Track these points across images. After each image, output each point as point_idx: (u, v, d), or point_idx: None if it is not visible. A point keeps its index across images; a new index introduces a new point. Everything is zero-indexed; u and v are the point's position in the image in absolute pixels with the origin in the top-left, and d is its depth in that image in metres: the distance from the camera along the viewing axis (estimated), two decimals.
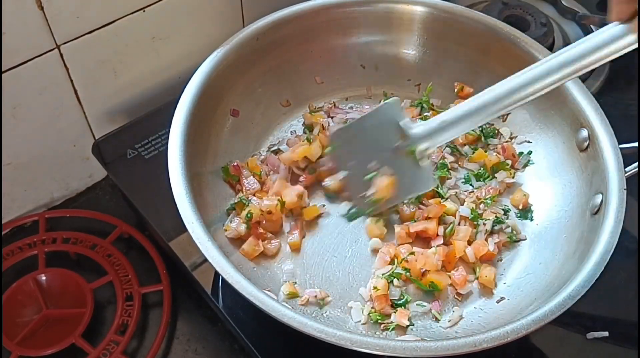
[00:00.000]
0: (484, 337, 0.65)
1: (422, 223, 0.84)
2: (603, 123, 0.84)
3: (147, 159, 0.95)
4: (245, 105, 0.95)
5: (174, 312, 0.88)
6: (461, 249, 0.83)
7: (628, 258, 0.88)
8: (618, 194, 0.77)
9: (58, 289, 0.86)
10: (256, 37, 0.93)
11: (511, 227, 0.86)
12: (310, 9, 0.97)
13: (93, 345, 0.81)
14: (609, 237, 0.73)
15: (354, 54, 1.02)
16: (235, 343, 0.85)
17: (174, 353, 0.85)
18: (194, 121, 0.83)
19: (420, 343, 0.66)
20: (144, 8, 0.92)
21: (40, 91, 0.88)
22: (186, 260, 0.84)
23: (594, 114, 0.85)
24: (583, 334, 0.83)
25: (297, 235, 0.85)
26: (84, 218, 0.96)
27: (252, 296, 0.67)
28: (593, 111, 0.85)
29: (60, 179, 0.99)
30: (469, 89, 0.99)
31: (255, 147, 0.95)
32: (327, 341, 0.64)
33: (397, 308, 0.79)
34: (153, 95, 1.03)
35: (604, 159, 0.81)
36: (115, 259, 0.90)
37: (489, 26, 0.97)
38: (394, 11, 1.00)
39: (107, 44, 0.91)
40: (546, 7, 1.22)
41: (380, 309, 0.78)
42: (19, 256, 0.90)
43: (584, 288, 0.69)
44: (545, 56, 0.91)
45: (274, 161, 0.92)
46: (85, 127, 0.98)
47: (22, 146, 0.91)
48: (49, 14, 0.82)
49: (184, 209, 0.74)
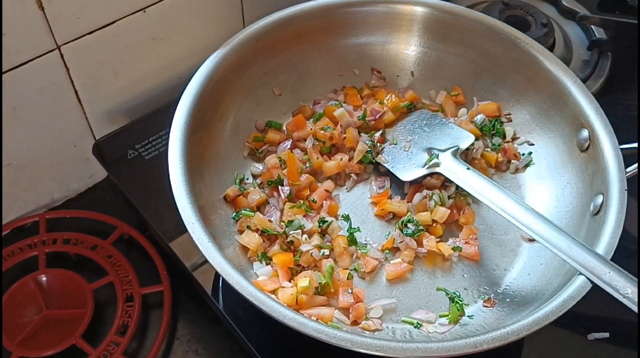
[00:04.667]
0: (484, 338, 0.65)
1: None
2: (603, 124, 0.84)
3: (147, 159, 0.95)
4: (246, 105, 0.95)
5: (175, 313, 0.88)
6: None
7: (628, 258, 0.88)
8: (619, 195, 0.77)
9: (58, 290, 0.86)
10: (256, 38, 0.93)
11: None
12: (310, 9, 0.97)
13: (93, 346, 0.81)
14: (610, 238, 0.73)
15: (353, 55, 1.02)
16: (236, 344, 0.85)
17: (175, 354, 0.85)
18: (194, 121, 0.83)
19: (420, 344, 0.66)
20: (144, 8, 0.92)
21: (41, 91, 0.88)
22: (187, 260, 0.84)
23: (595, 115, 0.85)
24: (584, 335, 0.83)
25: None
26: (84, 218, 0.96)
27: (252, 297, 0.67)
28: (593, 111, 0.85)
29: (61, 179, 0.99)
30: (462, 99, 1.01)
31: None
32: (327, 342, 0.64)
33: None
34: (153, 95, 1.03)
35: (604, 160, 0.81)
36: (115, 260, 0.90)
37: (489, 27, 0.96)
38: (394, 11, 1.00)
39: (107, 44, 0.91)
40: (547, 7, 1.22)
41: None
42: (20, 256, 0.90)
43: (585, 289, 0.69)
44: (545, 55, 0.92)
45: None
46: (85, 128, 0.98)
47: (23, 147, 0.91)
48: (49, 14, 0.82)
49: (184, 209, 0.74)
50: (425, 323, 0.78)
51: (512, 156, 0.94)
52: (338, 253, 0.84)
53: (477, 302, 0.81)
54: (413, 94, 1.01)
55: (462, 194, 0.90)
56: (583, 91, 0.88)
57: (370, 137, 0.95)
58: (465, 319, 0.79)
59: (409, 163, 0.92)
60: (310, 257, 0.82)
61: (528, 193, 0.92)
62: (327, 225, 0.86)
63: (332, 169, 0.92)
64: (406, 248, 0.85)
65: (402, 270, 0.83)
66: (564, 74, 0.90)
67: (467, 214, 0.89)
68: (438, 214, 0.87)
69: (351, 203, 0.92)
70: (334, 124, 0.95)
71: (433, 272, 0.85)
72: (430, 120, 0.97)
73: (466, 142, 0.92)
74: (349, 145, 0.94)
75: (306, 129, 0.95)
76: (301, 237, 0.84)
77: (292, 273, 0.81)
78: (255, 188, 0.89)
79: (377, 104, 0.99)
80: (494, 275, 0.84)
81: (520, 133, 0.97)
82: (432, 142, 0.93)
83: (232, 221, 0.87)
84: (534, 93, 0.95)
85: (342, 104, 0.98)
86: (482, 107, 0.98)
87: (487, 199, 0.81)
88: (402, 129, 0.98)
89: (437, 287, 0.83)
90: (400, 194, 0.92)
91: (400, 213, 0.88)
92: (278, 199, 0.89)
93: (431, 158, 0.90)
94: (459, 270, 0.85)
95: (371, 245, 0.86)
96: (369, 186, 0.93)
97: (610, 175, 0.79)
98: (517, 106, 0.97)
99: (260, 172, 0.92)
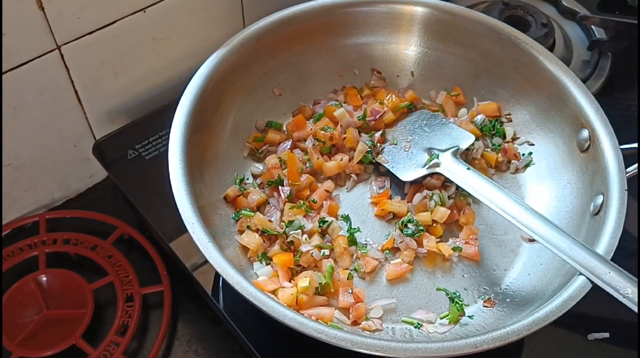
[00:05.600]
0: (484, 338, 0.65)
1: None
2: (604, 124, 0.84)
3: (147, 159, 0.95)
4: (246, 105, 0.95)
5: (175, 313, 0.88)
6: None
7: (628, 258, 0.88)
8: (619, 195, 0.77)
9: (58, 290, 0.86)
10: (256, 38, 0.93)
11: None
12: (310, 9, 0.97)
13: (93, 346, 0.81)
14: (610, 238, 0.73)
15: (354, 55, 1.02)
16: (236, 344, 0.85)
17: (175, 354, 0.85)
18: (194, 121, 0.83)
19: (420, 345, 0.66)
20: (144, 9, 0.92)
21: (41, 91, 0.88)
22: (187, 260, 0.84)
23: (595, 115, 0.85)
24: (584, 335, 0.83)
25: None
26: (84, 218, 0.96)
27: (252, 297, 0.67)
28: (594, 111, 0.85)
29: (61, 179, 0.99)
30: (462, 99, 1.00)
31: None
32: (327, 342, 0.64)
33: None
34: (153, 95, 1.03)
35: (604, 160, 0.81)
36: (115, 260, 0.90)
37: (489, 27, 0.96)
38: (394, 11, 1.00)
39: (107, 44, 0.91)
40: (547, 7, 1.22)
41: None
42: (20, 257, 0.90)
43: (585, 289, 0.69)
44: (545, 55, 0.92)
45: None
46: (85, 128, 0.98)
47: (23, 147, 0.91)
48: (49, 14, 0.82)
49: (184, 209, 0.74)
50: (426, 323, 0.78)
51: (512, 156, 0.94)
52: (338, 253, 0.84)
53: (477, 302, 0.81)
54: (413, 94, 1.01)
55: (462, 195, 0.90)
56: (583, 91, 0.88)
57: (370, 137, 0.95)
58: (466, 319, 0.79)
59: (409, 163, 0.92)
60: (311, 257, 0.82)
61: (528, 193, 0.92)
62: (327, 225, 0.86)
63: (332, 169, 0.92)
64: (406, 248, 0.85)
65: (402, 270, 0.83)
66: (564, 74, 0.90)
67: (467, 214, 0.89)
68: (438, 214, 0.87)
69: (351, 203, 0.92)
70: (334, 124, 0.95)
71: (433, 272, 0.85)
72: (430, 120, 0.97)
73: (466, 142, 0.92)
74: (349, 145, 0.94)
75: (306, 129, 0.95)
76: (301, 237, 0.84)
77: (292, 273, 0.81)
78: (256, 188, 0.89)
79: (377, 104, 0.99)
80: (494, 275, 0.84)
81: (520, 133, 0.97)
82: (432, 142, 0.94)
83: (232, 221, 0.87)
84: (534, 93, 0.95)
85: (342, 104, 0.98)
86: (482, 107, 0.98)
87: (487, 200, 0.81)
88: (402, 129, 0.98)
89: (437, 287, 0.83)
90: (401, 195, 0.92)
91: (400, 213, 0.88)
92: (278, 200, 0.89)
93: (431, 158, 0.90)
94: (459, 270, 0.85)
95: (371, 245, 0.86)
96: (369, 186, 0.93)
97: (611, 175, 0.79)
98: (517, 106, 0.97)
99: (260, 172, 0.92)
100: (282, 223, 0.85)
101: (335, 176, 0.93)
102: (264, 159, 0.93)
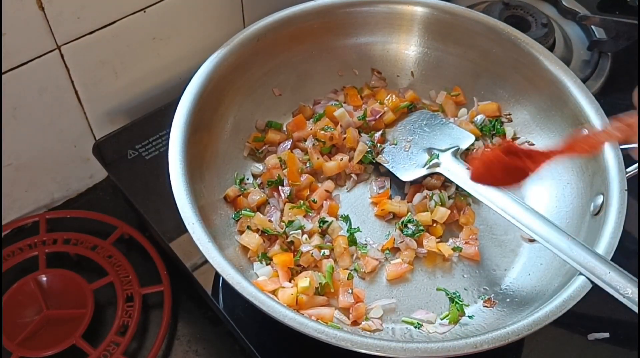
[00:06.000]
0: (484, 338, 0.65)
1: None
2: (604, 124, 0.84)
3: (147, 159, 0.95)
4: (246, 105, 0.95)
5: (175, 313, 0.88)
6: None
7: (628, 258, 0.88)
8: (619, 195, 0.77)
9: (58, 290, 0.86)
10: (256, 38, 0.93)
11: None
12: (311, 9, 0.97)
13: (93, 346, 0.81)
14: (610, 238, 0.73)
15: (354, 55, 1.02)
16: (236, 344, 0.85)
17: (175, 354, 0.85)
18: (194, 121, 0.83)
19: (420, 345, 0.66)
20: (144, 9, 0.92)
21: (41, 91, 0.88)
22: (187, 260, 0.84)
23: (595, 115, 0.85)
24: (584, 335, 0.83)
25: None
26: (84, 218, 0.96)
27: (252, 297, 0.67)
28: (594, 111, 0.85)
29: (61, 179, 0.99)
30: (462, 99, 1.00)
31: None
32: (327, 342, 0.64)
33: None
34: (154, 95, 1.03)
35: (604, 160, 0.81)
36: (115, 260, 0.90)
37: (489, 27, 0.96)
38: (394, 11, 1.00)
39: (107, 44, 0.91)
40: (547, 7, 1.22)
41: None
42: (20, 257, 0.90)
43: (585, 289, 0.69)
44: (545, 55, 0.92)
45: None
46: (85, 128, 0.98)
47: (23, 147, 0.91)
48: (49, 14, 0.82)
49: (185, 209, 0.74)
50: (426, 324, 0.79)
51: None
52: (338, 253, 0.84)
53: (477, 302, 0.81)
54: (413, 94, 1.01)
55: (462, 195, 0.90)
56: (583, 91, 0.88)
57: (370, 137, 0.95)
58: (466, 319, 0.79)
59: (409, 163, 0.92)
60: (311, 257, 0.82)
61: (528, 193, 0.92)
62: (327, 225, 0.86)
63: (333, 169, 0.92)
64: (406, 248, 0.85)
65: (402, 270, 0.83)
66: (564, 74, 0.90)
67: (468, 214, 0.89)
68: (438, 214, 0.87)
69: (351, 203, 0.92)
70: (334, 124, 0.95)
71: (433, 272, 0.85)
72: (430, 120, 0.97)
73: (466, 142, 0.92)
74: (349, 145, 0.94)
75: (306, 129, 0.95)
76: (301, 237, 0.84)
77: (292, 273, 0.82)
78: (256, 188, 0.90)
79: (377, 105, 0.99)
80: (494, 275, 0.84)
81: (521, 133, 0.97)
82: (432, 142, 0.94)
83: (232, 221, 0.87)
84: (534, 93, 0.95)
85: (343, 104, 0.98)
86: (482, 107, 0.98)
87: (487, 200, 0.81)
88: (402, 129, 0.98)
89: (437, 287, 0.83)
90: (401, 195, 0.92)
91: (400, 213, 0.88)
92: (278, 200, 0.89)
93: (431, 158, 0.90)
94: (459, 270, 0.85)
95: (371, 245, 0.86)
96: (369, 186, 0.93)
97: (610, 175, 0.79)
98: (517, 106, 0.97)
99: (260, 172, 0.92)
100: (282, 223, 0.85)
101: (335, 176, 0.93)
102: (264, 159, 0.94)
